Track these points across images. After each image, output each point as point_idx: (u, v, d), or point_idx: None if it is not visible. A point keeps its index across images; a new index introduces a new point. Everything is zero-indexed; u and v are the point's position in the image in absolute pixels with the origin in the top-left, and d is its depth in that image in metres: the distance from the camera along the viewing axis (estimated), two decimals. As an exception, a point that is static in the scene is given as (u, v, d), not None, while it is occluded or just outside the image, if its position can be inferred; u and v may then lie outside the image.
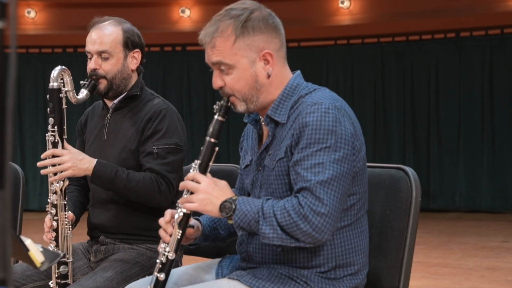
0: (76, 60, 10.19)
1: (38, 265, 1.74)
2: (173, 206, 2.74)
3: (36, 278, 2.64)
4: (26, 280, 2.62)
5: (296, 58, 9.22)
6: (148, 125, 2.67)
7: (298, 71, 2.12)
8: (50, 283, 2.58)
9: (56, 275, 2.56)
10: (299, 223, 1.86)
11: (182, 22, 10.03)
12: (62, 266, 2.56)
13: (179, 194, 2.15)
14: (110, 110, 2.78)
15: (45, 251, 1.79)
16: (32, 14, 9.92)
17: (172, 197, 2.66)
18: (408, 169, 2.10)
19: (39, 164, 2.54)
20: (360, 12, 9.75)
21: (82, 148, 2.85)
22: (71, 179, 2.73)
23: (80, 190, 2.85)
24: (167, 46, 10.14)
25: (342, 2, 9.65)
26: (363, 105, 9.55)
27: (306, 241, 1.89)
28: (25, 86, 10.10)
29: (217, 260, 2.33)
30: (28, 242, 1.75)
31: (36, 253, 1.75)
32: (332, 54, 9.91)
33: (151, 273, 2.62)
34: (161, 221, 2.10)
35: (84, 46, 2.76)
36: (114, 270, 2.57)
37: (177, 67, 10.19)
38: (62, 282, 2.56)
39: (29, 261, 1.75)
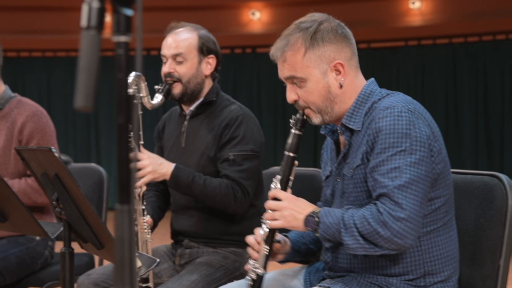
0: (149, 62, 10.32)
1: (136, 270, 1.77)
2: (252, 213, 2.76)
3: (123, 280, 2.69)
4: (109, 283, 2.68)
5: (366, 59, 9.13)
6: (225, 131, 2.68)
7: (372, 79, 2.11)
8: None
9: (138, 279, 2.60)
10: (379, 230, 1.85)
11: (252, 25, 10.07)
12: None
13: (264, 201, 2.16)
14: (187, 117, 2.79)
15: (141, 257, 1.83)
16: (107, 18, 10.11)
17: (247, 205, 2.66)
18: (503, 177, 2.05)
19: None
20: (431, 12, 9.58)
21: (161, 154, 2.87)
22: (149, 184, 2.76)
23: (158, 195, 2.88)
24: (237, 48, 10.19)
25: (413, 3, 9.51)
26: (434, 107, 9.38)
27: (390, 247, 1.88)
28: (100, 88, 10.29)
29: (303, 266, 2.33)
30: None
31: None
32: (402, 55, 9.77)
33: (235, 277, 2.65)
34: (250, 239, 2.11)
35: (158, 49, 2.78)
36: (199, 273, 2.60)
37: (247, 69, 10.23)
38: (144, 285, 2.60)
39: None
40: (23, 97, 3.25)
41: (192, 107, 2.77)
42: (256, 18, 10.01)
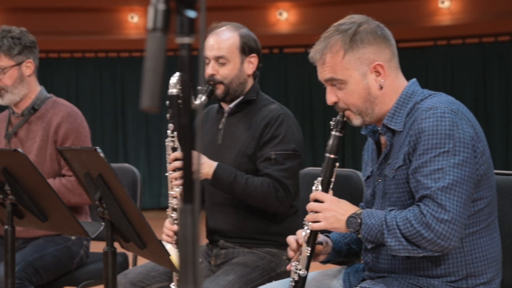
0: (176, 63, 10.38)
1: (178, 269, 1.78)
2: (290, 212, 2.76)
3: (160, 279, 2.70)
4: (150, 281, 2.69)
5: (395, 59, 9.07)
6: (266, 130, 2.68)
7: (414, 79, 2.10)
8: (171, 285, 2.63)
9: (177, 277, 2.61)
10: (422, 232, 1.85)
11: (279, 25, 10.07)
12: (184, 268, 2.61)
13: (300, 202, 2.16)
14: (225, 114, 2.80)
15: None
16: (135, 19, 10.19)
17: (288, 204, 2.66)
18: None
19: (169, 168, 2.59)
20: (461, 11, 9.50)
21: None
22: None
23: None
24: (265, 48, 10.14)
25: (442, 2, 9.44)
26: (464, 107, 9.29)
27: (433, 249, 1.88)
28: (128, 88, 10.39)
29: (342, 267, 2.32)
30: (168, 247, 1.80)
31: (176, 258, 1.79)
32: (431, 55, 9.70)
33: (271, 277, 2.65)
34: (290, 239, 2.11)
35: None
36: (236, 273, 2.60)
37: (274, 69, 10.23)
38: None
39: (170, 265, 1.79)
40: (58, 98, 3.29)
41: (232, 105, 2.78)
42: (284, 18, 10.00)
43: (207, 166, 2.59)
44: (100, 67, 10.29)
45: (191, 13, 0.84)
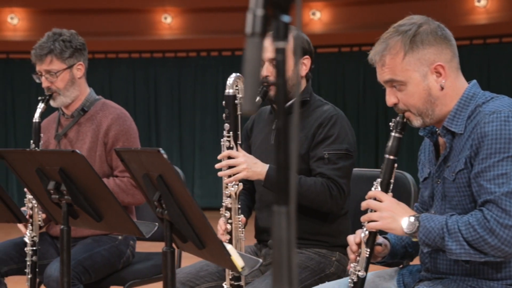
0: (209, 64, 10.44)
1: (239, 269, 1.80)
2: (343, 212, 2.76)
3: (209, 279, 2.72)
4: (199, 281, 2.71)
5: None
6: (319, 130, 2.69)
7: (474, 81, 2.09)
8: (223, 284, 2.64)
9: (230, 277, 2.62)
10: (486, 237, 1.84)
11: (312, 24, 10.05)
12: (235, 269, 2.62)
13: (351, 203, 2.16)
14: None
15: (244, 257, 1.84)
16: (169, 19, 10.25)
17: (342, 203, 2.67)
18: None
19: (216, 166, 2.61)
20: (498, 10, 9.40)
21: (248, 152, 2.90)
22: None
23: (246, 194, 2.91)
24: (298, 48, 10.17)
25: (479, 1, 9.35)
26: (500, 107, 9.19)
27: (496, 255, 1.87)
28: (161, 88, 10.46)
29: (396, 269, 2.31)
30: (229, 247, 1.81)
31: (236, 258, 1.80)
32: (467, 54, 9.60)
33: (320, 278, 2.65)
34: (350, 239, 2.11)
35: (217, 50, 2.81)
36: (286, 273, 2.60)
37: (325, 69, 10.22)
38: (236, 284, 2.62)
39: (230, 265, 1.80)
40: (107, 100, 3.33)
41: (285, 106, 2.78)
42: (317, 18, 9.99)
43: (259, 166, 2.61)
44: (133, 68, 10.37)
45: (286, 18, 0.85)
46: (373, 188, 2.06)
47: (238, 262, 1.79)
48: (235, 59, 10.39)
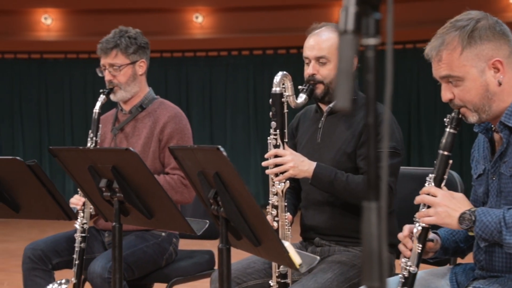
0: (240, 63, 10.47)
1: (297, 266, 1.80)
2: (391, 210, 2.76)
3: (256, 276, 2.74)
4: (247, 278, 2.73)
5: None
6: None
7: None
8: (270, 282, 2.65)
9: (277, 274, 2.64)
10: None
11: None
12: (282, 266, 2.63)
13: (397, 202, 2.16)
14: (325, 114, 2.82)
15: (301, 254, 1.85)
16: (200, 19, 10.30)
17: (391, 201, 2.67)
18: None
19: (263, 164, 2.62)
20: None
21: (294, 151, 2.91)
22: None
23: (292, 192, 2.91)
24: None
25: (513, -2, 9.25)
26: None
27: None
28: (192, 87, 10.51)
29: (449, 267, 2.31)
30: (287, 244, 1.82)
31: (294, 255, 1.81)
32: None
33: (368, 276, 2.64)
34: (400, 235, 2.11)
35: (248, 49, 2.82)
36: (333, 272, 2.61)
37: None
38: (282, 281, 2.63)
39: (288, 262, 1.81)
40: (164, 99, 3.40)
41: (331, 105, 2.80)
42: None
43: (306, 164, 2.62)
44: (165, 67, 10.43)
45: (377, 15, 0.86)
46: (426, 184, 2.05)
47: (296, 259, 1.80)
48: (266, 58, 10.41)
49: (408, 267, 2.06)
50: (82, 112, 10.51)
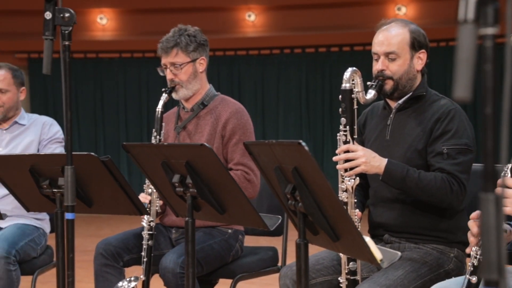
0: (292, 61, 10.46)
1: (378, 262, 1.79)
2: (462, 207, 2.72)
3: (324, 273, 2.73)
4: (316, 274, 2.72)
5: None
6: (437, 125, 2.66)
7: None
8: (339, 278, 2.65)
9: (346, 271, 2.62)
10: None
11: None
12: (351, 263, 2.62)
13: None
14: (394, 110, 2.80)
15: (381, 250, 1.84)
16: (252, 17, 10.32)
17: (463, 198, 2.63)
18: None
19: (334, 158, 2.62)
20: None
21: None
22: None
23: (359, 189, 2.90)
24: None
25: None
26: None
27: None
28: (245, 86, 10.55)
29: None
30: (367, 239, 1.81)
31: (375, 251, 1.80)
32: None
33: (439, 274, 2.62)
34: (471, 223, 2.08)
35: (300, 47, 2.80)
36: (404, 269, 2.59)
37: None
38: (351, 278, 2.62)
39: (368, 258, 1.80)
40: (225, 96, 3.42)
41: (401, 101, 2.77)
42: (402, 13, 9.86)
43: (377, 161, 2.60)
44: (218, 65, 10.48)
45: (496, 4, 0.85)
46: (503, 174, 2.02)
47: (377, 254, 1.79)
48: (318, 56, 10.37)
49: (478, 256, 2.03)
50: (136, 111, 10.65)
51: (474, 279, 2.07)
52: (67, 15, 2.04)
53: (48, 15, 2.03)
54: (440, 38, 9.59)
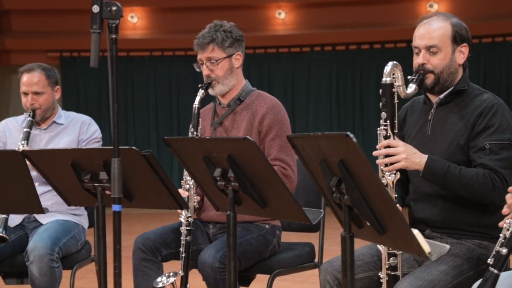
0: (323, 58, 10.43)
1: (426, 254, 1.78)
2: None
3: (365, 269, 2.72)
4: (356, 270, 2.70)
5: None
6: (479, 120, 2.63)
7: None
8: (379, 274, 2.63)
9: (386, 266, 2.61)
10: None
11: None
12: (392, 258, 2.60)
13: None
14: (435, 105, 2.77)
15: (429, 243, 1.82)
16: (283, 15, 10.31)
17: (505, 194, 2.60)
18: None
19: (374, 153, 2.60)
20: None
21: None
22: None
23: (399, 185, 2.87)
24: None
25: None
26: None
27: None
28: (275, 83, 10.55)
29: None
30: (415, 232, 1.79)
31: (423, 243, 1.78)
32: None
33: (482, 270, 2.59)
34: (508, 196, 2.05)
35: (330, 45, 2.78)
36: (447, 264, 2.57)
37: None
38: (392, 273, 2.60)
39: (417, 250, 1.79)
40: (262, 91, 3.41)
41: (442, 96, 2.74)
42: (434, 10, 9.79)
43: (418, 157, 2.58)
44: (247, 63, 10.43)
45: None
46: None
47: (425, 247, 1.77)
48: (349, 53, 10.33)
49: (510, 228, 2.01)
50: (166, 109, 10.70)
51: (504, 250, 2.06)
52: (114, 8, 2.06)
53: (95, 8, 2.04)
54: (491, 34, 9.50)
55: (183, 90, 10.59)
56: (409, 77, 2.70)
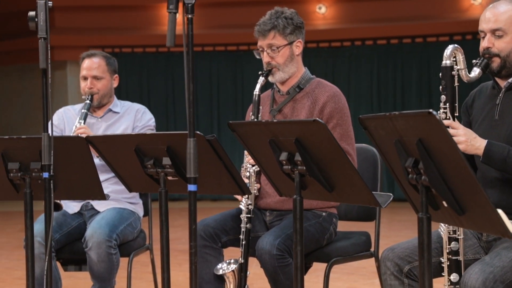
0: (364, 53, 10.36)
1: (511, 234, 1.75)
2: None
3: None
4: (417, 257, 2.67)
5: None
6: None
7: None
8: (441, 259, 2.60)
9: (447, 251, 2.57)
10: None
11: (472, 10, 9.72)
12: (453, 243, 2.57)
13: None
14: (503, 90, 2.72)
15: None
16: (323, 9, 10.27)
17: None
18: None
19: None
20: None
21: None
22: None
23: None
24: (457, 35, 9.88)
25: None
26: None
27: None
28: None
29: None
30: (500, 211, 1.76)
31: (508, 223, 1.75)
32: None
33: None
34: None
35: (371, 39, 2.73)
36: (518, 250, 2.52)
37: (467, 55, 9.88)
38: (453, 258, 2.57)
39: (501, 230, 1.76)
40: (322, 79, 3.39)
41: (510, 79, 2.70)
42: (478, 3, 9.65)
43: (478, 141, 2.55)
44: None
45: None
46: None
47: (510, 227, 1.74)
48: (390, 47, 10.25)
49: None
50: (207, 104, 10.74)
51: None
52: (189, -12, 2.05)
53: (172, -12, 2.05)
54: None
55: (223, 85, 10.63)
56: (473, 61, 2.67)
